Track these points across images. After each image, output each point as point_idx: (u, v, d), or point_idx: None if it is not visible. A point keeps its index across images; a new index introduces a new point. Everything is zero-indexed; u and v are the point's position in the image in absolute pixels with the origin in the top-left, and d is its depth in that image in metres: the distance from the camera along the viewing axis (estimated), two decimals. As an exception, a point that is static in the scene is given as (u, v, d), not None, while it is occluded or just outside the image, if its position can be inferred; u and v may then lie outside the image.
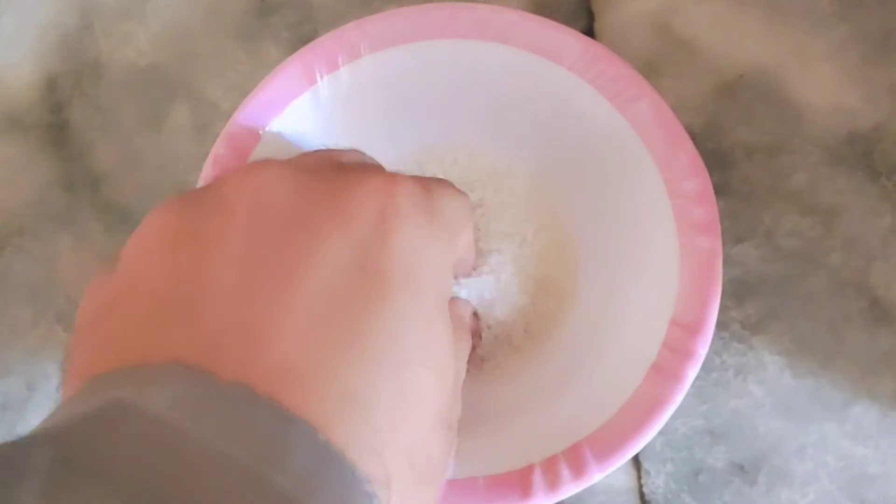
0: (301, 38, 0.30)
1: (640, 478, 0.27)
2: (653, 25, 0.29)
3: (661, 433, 0.27)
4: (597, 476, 0.22)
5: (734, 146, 0.28)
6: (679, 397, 0.23)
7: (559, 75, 0.25)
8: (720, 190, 0.28)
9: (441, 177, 0.27)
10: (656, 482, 0.27)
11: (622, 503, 0.27)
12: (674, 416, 0.27)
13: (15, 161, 0.30)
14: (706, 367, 0.27)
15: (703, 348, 0.23)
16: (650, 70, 0.29)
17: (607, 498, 0.27)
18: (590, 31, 0.29)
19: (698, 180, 0.23)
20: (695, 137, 0.28)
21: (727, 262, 0.28)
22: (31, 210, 0.30)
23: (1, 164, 0.30)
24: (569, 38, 0.25)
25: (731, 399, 0.27)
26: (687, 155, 0.24)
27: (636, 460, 0.27)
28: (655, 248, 0.24)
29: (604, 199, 0.25)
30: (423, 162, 0.28)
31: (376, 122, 0.27)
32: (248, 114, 0.25)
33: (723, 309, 0.28)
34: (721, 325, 0.27)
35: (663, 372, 0.23)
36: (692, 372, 0.23)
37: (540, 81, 0.25)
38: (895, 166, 0.28)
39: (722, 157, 0.28)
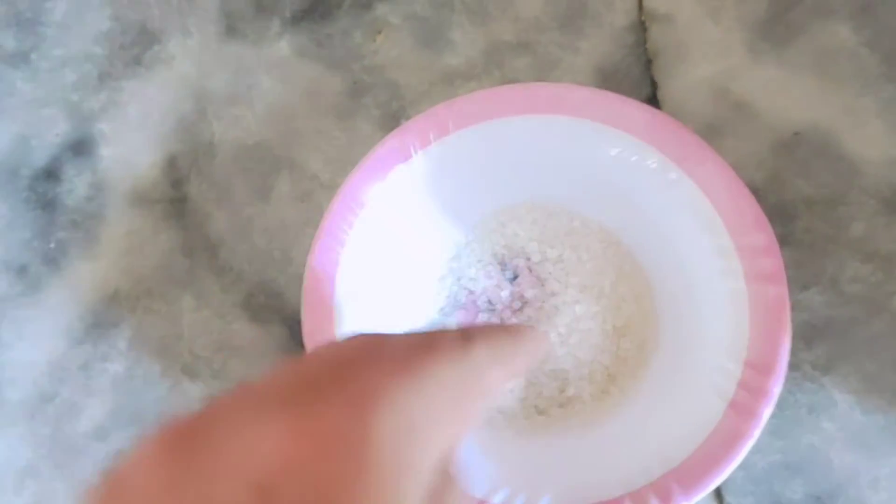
0: (390, 114, 0.34)
1: (722, 511, 0.29)
2: (712, 91, 0.32)
3: (740, 468, 0.29)
4: None
5: (795, 199, 0.30)
6: (756, 432, 0.25)
7: (629, 143, 0.28)
8: (785, 240, 0.30)
9: (521, 235, 0.30)
10: (738, 515, 0.29)
11: (707, 535, 0.29)
12: (752, 452, 0.29)
13: (142, 231, 0.34)
14: (781, 406, 0.29)
15: (776, 387, 0.25)
16: (712, 131, 0.31)
17: (692, 530, 0.29)
18: (653, 99, 0.32)
19: (763, 234, 0.26)
20: (757, 192, 0.31)
21: (795, 307, 0.30)
22: (157, 274, 0.34)
23: (131, 235, 0.34)
24: (636, 110, 0.27)
25: (805, 435, 0.29)
26: (752, 212, 0.26)
27: (719, 494, 0.29)
28: (727, 296, 0.26)
29: (676, 253, 0.28)
30: (504, 222, 0.31)
31: (462, 188, 0.30)
32: (349, 189, 0.28)
33: (794, 351, 0.30)
34: (793, 366, 0.29)
35: (741, 409, 0.25)
36: (767, 409, 0.25)
37: (611, 148, 0.28)
38: (949, 213, 0.30)
39: (784, 210, 0.30)
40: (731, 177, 0.26)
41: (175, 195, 0.34)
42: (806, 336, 0.29)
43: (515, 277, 0.30)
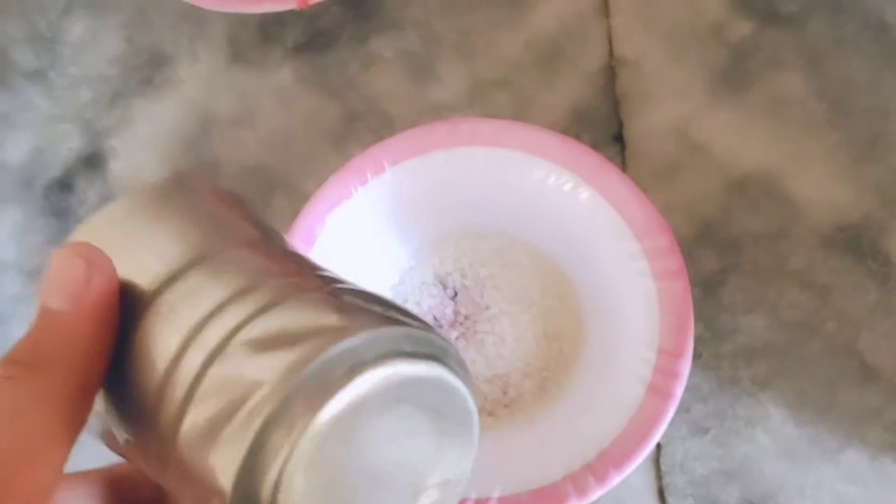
0: (381, 140, 0.37)
1: (666, 511, 0.32)
2: (672, 132, 0.35)
3: (682, 473, 0.33)
4: (616, 479, 0.28)
5: (743, 233, 0.34)
6: (672, 410, 0.28)
7: (543, 166, 0.31)
8: (733, 269, 0.34)
9: (457, 257, 0.34)
10: (680, 515, 0.32)
11: (651, 532, 0.32)
12: (693, 459, 0.33)
13: (149, 242, 0.37)
14: (720, 417, 0.33)
15: (685, 369, 0.28)
16: (671, 169, 0.35)
17: (639, 527, 0.32)
18: (619, 137, 0.35)
19: (665, 237, 0.29)
20: (710, 226, 0.34)
21: (738, 330, 0.33)
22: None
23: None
24: (547, 136, 0.31)
25: (742, 445, 0.32)
26: (654, 218, 0.29)
27: (662, 497, 0.32)
28: (640, 294, 0.30)
29: (595, 260, 0.32)
30: (441, 247, 0.34)
31: (401, 220, 0.33)
32: (304, 226, 0.31)
33: (734, 368, 0.33)
34: (733, 381, 0.33)
35: (658, 391, 0.29)
36: (679, 389, 0.28)
37: (528, 172, 0.31)
38: (879, 250, 0.33)
39: (733, 243, 0.34)
40: (633, 188, 0.30)
41: (181, 209, 0.37)
42: (746, 355, 0.33)
43: (456, 295, 0.34)
